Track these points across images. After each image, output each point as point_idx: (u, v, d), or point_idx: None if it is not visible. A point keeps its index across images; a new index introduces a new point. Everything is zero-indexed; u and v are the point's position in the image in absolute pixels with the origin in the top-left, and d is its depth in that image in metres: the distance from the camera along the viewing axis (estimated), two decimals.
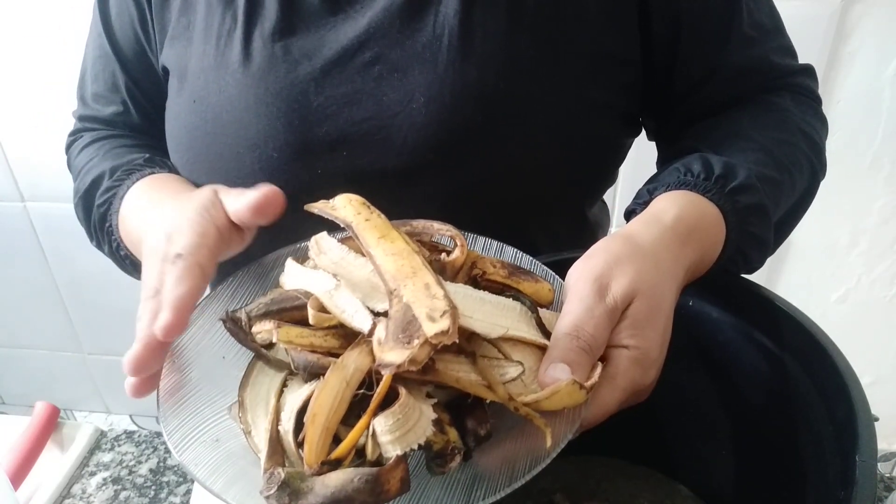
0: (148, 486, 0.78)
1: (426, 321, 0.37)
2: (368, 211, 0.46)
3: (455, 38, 0.58)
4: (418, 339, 0.36)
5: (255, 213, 0.49)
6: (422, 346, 0.36)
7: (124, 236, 0.63)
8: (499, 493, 0.37)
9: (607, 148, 0.68)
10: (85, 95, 0.75)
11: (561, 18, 0.59)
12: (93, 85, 0.73)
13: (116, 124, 0.74)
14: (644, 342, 0.43)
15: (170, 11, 0.65)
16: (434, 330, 0.36)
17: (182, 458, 0.40)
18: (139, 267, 0.61)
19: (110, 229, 0.65)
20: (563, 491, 0.62)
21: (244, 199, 0.49)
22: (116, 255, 0.66)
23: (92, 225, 0.68)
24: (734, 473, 0.59)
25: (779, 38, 0.67)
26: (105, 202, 0.65)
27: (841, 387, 0.45)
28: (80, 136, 0.75)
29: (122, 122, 0.73)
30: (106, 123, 0.74)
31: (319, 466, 0.36)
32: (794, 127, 0.63)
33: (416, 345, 0.36)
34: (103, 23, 0.70)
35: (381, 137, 0.59)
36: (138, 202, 0.62)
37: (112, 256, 0.68)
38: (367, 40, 0.59)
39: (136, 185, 0.63)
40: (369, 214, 0.46)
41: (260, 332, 0.43)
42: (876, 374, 1.44)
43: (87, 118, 0.75)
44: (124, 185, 0.64)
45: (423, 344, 0.36)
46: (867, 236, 1.30)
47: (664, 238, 0.48)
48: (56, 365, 1.81)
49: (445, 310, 0.37)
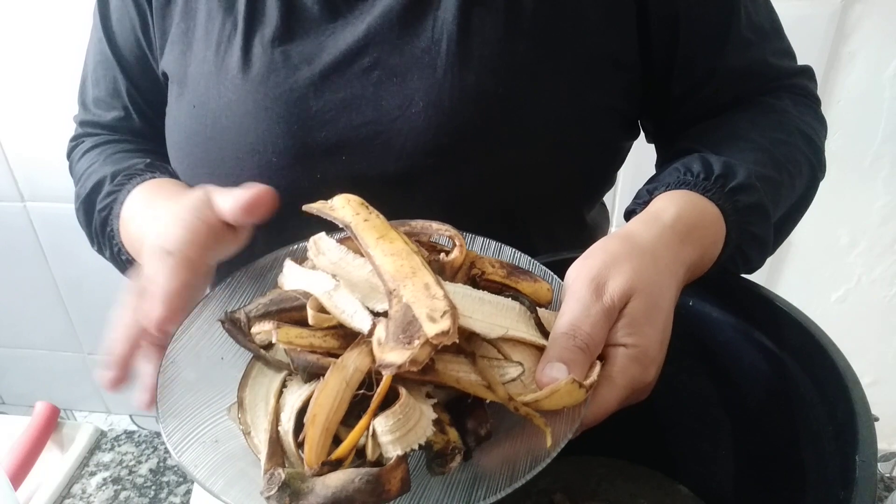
0: (148, 486, 0.78)
1: (427, 321, 0.37)
2: (367, 211, 0.46)
3: (453, 43, 0.58)
4: (419, 340, 0.36)
5: (246, 211, 0.49)
6: (422, 346, 0.36)
7: (125, 241, 0.63)
8: (499, 493, 0.37)
9: (606, 151, 0.68)
10: (86, 101, 0.75)
11: (559, 22, 0.59)
12: (94, 90, 0.73)
13: (117, 129, 0.74)
14: (643, 340, 0.43)
15: (170, 18, 0.65)
16: (435, 330, 0.36)
17: (181, 459, 0.40)
18: None
19: (111, 234, 0.65)
20: (563, 491, 0.62)
21: (235, 198, 0.50)
22: (118, 259, 0.66)
23: (93, 230, 0.68)
24: (734, 473, 0.59)
25: (777, 40, 0.67)
26: (106, 207, 0.65)
27: (841, 387, 0.45)
28: (82, 142, 0.75)
29: (124, 127, 0.73)
30: (107, 128, 0.74)
31: (320, 467, 0.36)
32: (793, 128, 0.63)
33: (416, 345, 0.36)
34: (104, 28, 0.70)
35: (380, 142, 0.59)
36: (137, 206, 0.62)
37: (113, 261, 0.68)
38: (365, 45, 0.59)
39: (135, 190, 0.63)
40: (368, 214, 0.46)
41: (259, 332, 0.43)
42: (876, 374, 1.44)
43: (88, 123, 0.75)
44: (124, 190, 0.64)
45: (423, 344, 0.36)
46: (867, 236, 1.30)
47: (663, 236, 0.48)
48: (56, 365, 1.81)
49: (446, 310, 0.37)
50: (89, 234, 0.70)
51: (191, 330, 0.47)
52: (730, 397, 0.58)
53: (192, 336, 0.47)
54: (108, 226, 0.65)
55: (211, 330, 0.47)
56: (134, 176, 0.65)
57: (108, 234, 0.65)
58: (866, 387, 0.43)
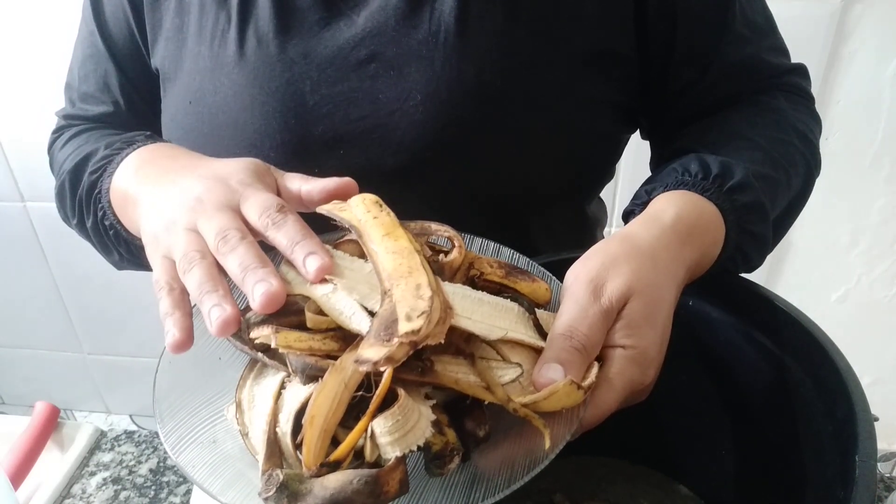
0: (148, 486, 0.78)
1: (404, 320, 0.37)
2: (378, 209, 0.46)
3: (451, 36, 0.57)
4: (398, 338, 0.36)
5: (328, 197, 0.48)
6: (399, 344, 0.35)
7: (119, 190, 0.57)
8: (498, 494, 0.37)
9: (605, 143, 0.68)
10: (73, 97, 0.73)
11: (557, 14, 0.59)
12: (82, 85, 0.71)
13: (105, 123, 0.71)
14: (641, 342, 0.43)
15: (160, 12, 0.64)
16: (406, 328, 0.36)
17: (179, 459, 0.40)
18: (122, 239, 0.59)
19: (98, 196, 0.59)
20: (563, 491, 0.62)
21: (321, 182, 0.48)
22: (100, 226, 0.61)
23: (77, 200, 0.63)
24: (734, 473, 0.59)
25: (771, 38, 0.67)
26: (98, 169, 0.60)
27: (841, 387, 0.45)
28: (64, 132, 0.72)
29: (112, 121, 0.71)
30: (93, 121, 0.72)
31: (318, 468, 0.36)
32: (789, 126, 0.63)
33: (395, 343, 0.36)
34: (96, 21, 0.68)
35: (378, 136, 0.59)
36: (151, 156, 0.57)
37: (93, 231, 0.63)
38: (362, 38, 0.58)
39: (142, 149, 0.58)
40: (378, 212, 0.46)
41: (258, 337, 0.43)
42: (876, 374, 1.44)
43: (73, 117, 0.73)
44: (123, 153, 0.58)
45: (400, 342, 0.36)
46: (867, 236, 1.30)
47: (663, 237, 0.48)
48: (56, 365, 1.81)
49: (424, 310, 0.37)
50: (72, 205, 0.64)
51: None
52: (730, 397, 0.58)
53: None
54: (97, 188, 0.59)
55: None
56: (134, 142, 0.60)
57: (95, 197, 0.60)
58: (866, 387, 0.43)
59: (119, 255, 0.64)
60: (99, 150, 0.62)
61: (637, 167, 0.69)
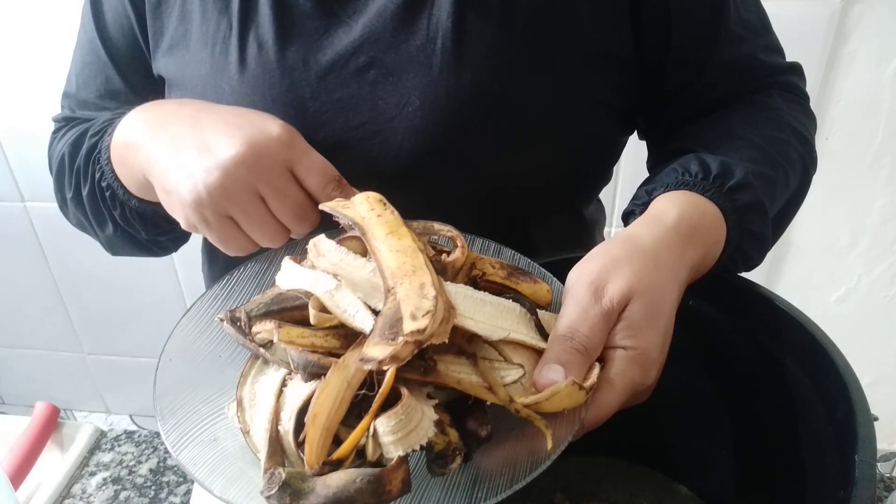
0: (148, 486, 0.78)
1: (409, 319, 0.37)
2: (382, 207, 0.47)
3: (449, 41, 0.58)
4: (402, 337, 0.36)
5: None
6: (404, 343, 0.35)
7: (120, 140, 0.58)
8: (500, 494, 0.37)
9: (603, 146, 0.68)
10: (71, 104, 0.73)
11: (553, 19, 0.59)
12: (81, 92, 0.71)
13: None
14: (642, 343, 0.43)
15: (163, 19, 0.64)
16: (412, 328, 0.36)
17: (180, 457, 0.40)
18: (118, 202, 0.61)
19: (97, 156, 0.60)
20: (563, 491, 0.62)
21: None
22: (97, 189, 0.61)
23: (75, 170, 0.63)
24: (734, 473, 0.59)
25: (766, 37, 0.67)
26: (99, 131, 0.61)
27: (841, 387, 0.45)
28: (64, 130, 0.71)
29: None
30: None
31: (320, 467, 0.36)
32: (785, 124, 0.63)
33: (399, 342, 0.36)
34: (97, 28, 0.68)
35: (377, 141, 0.59)
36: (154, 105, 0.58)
37: (89, 200, 0.63)
38: (361, 45, 0.59)
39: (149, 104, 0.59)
40: (382, 211, 0.46)
41: (260, 331, 0.43)
42: (876, 374, 1.44)
43: (73, 119, 0.72)
44: (127, 112, 0.59)
45: (405, 341, 0.36)
46: (867, 236, 1.30)
47: (666, 238, 0.48)
48: (56, 365, 1.81)
49: (430, 310, 0.37)
50: (69, 178, 0.65)
51: (188, 327, 0.47)
52: (730, 397, 0.58)
53: (189, 333, 0.47)
54: (98, 147, 0.60)
55: (209, 328, 0.47)
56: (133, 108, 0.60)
57: (94, 158, 0.60)
58: (866, 387, 0.43)
59: (114, 225, 0.64)
60: (99, 120, 0.63)
61: (636, 168, 0.69)
